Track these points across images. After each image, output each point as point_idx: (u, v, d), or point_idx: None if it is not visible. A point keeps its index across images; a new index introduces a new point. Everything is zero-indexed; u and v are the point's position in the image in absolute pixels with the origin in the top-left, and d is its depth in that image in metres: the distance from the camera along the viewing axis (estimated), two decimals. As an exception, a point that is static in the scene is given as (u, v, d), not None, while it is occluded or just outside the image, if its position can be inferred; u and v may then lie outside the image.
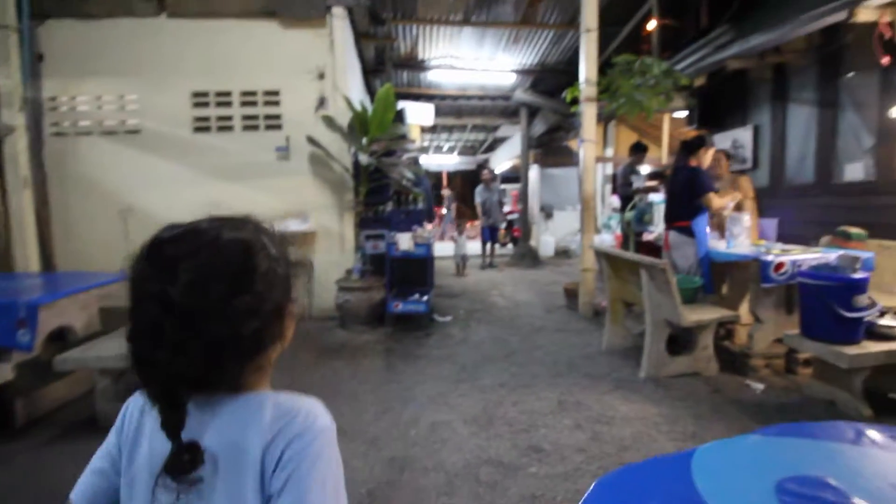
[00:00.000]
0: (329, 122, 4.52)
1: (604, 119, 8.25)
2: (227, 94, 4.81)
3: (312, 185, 4.89)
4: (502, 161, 15.04)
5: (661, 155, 7.10)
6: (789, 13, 4.13)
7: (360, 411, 2.79)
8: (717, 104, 6.20)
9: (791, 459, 0.94)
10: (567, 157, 10.95)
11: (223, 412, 0.60)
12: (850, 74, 4.42)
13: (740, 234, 3.46)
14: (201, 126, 4.81)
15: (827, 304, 2.56)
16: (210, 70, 4.77)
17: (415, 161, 5.52)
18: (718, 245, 3.63)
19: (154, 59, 4.71)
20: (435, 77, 8.78)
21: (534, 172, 11.46)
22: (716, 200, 3.51)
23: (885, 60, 3.54)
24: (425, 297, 4.41)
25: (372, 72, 7.88)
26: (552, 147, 11.51)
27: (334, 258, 4.87)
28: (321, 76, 4.77)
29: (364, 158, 4.38)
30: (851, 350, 2.52)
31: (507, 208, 10.01)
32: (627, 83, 4.56)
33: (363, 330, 4.40)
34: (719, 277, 3.77)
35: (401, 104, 7.60)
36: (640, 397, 2.90)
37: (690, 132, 6.73)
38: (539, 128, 10.15)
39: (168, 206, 4.41)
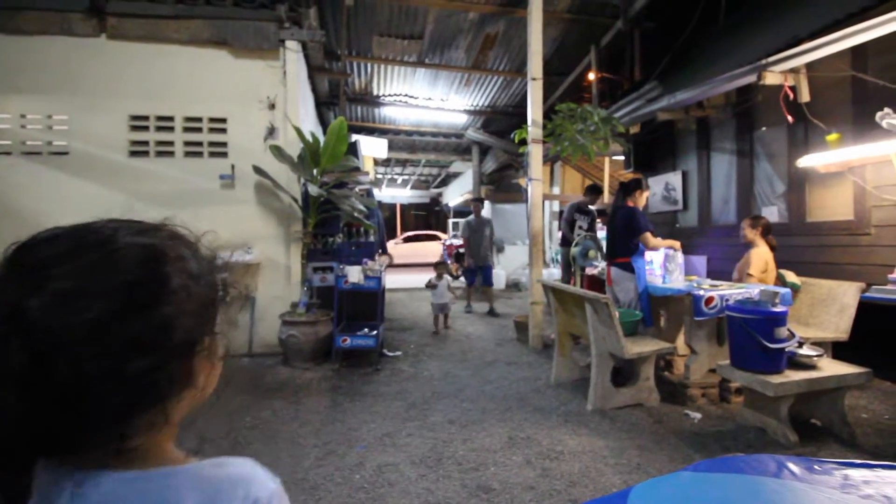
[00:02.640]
0: (278, 152, 4.44)
1: (550, 159, 8.69)
2: (170, 118, 4.63)
3: (258, 215, 4.73)
4: (455, 196, 15.37)
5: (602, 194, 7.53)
6: (709, 73, 4.61)
7: (301, 456, 2.61)
8: (651, 150, 6.71)
9: (719, 496, 0.97)
10: (517, 194, 11.39)
11: (107, 498, 0.41)
12: (763, 129, 4.96)
13: (675, 270, 3.68)
14: (138, 150, 4.57)
15: (752, 336, 2.74)
16: (151, 94, 4.58)
17: (367, 193, 5.50)
18: (656, 280, 3.84)
19: (90, 80, 4.47)
20: (389, 112, 8.96)
21: (485, 208, 11.79)
22: (651, 240, 3.75)
23: (790, 119, 4.01)
24: (375, 332, 4.30)
25: (325, 104, 7.91)
26: (503, 183, 11.95)
27: (279, 291, 4.68)
28: (272, 106, 4.72)
29: (314, 189, 4.31)
30: (776, 379, 2.69)
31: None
32: (570, 128, 4.86)
33: (308, 367, 4.19)
34: (657, 311, 3.98)
35: (354, 137, 7.66)
36: (588, 430, 2.93)
37: (628, 175, 7.24)
38: (490, 165, 10.54)
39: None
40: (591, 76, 6.59)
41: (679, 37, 5.80)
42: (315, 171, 4.53)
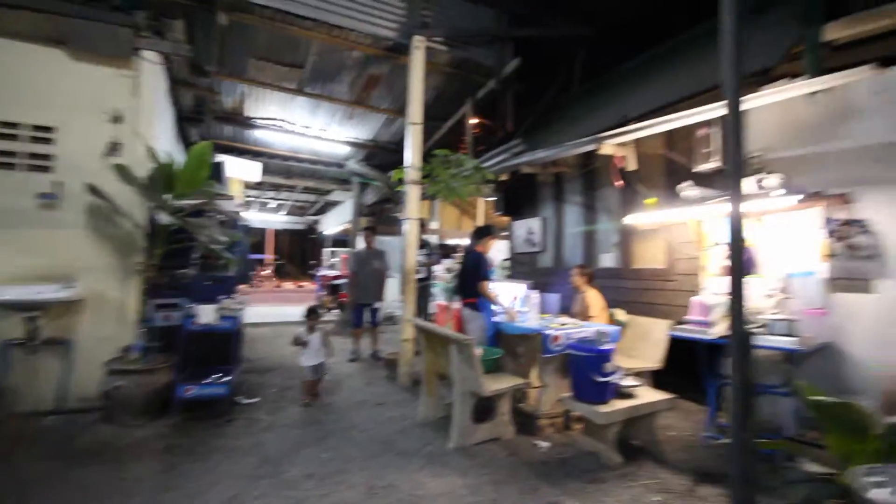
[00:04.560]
0: (122, 171, 3.89)
1: (429, 196, 9.05)
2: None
3: (88, 243, 4.01)
4: (333, 225, 15.00)
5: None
6: (563, 137, 5.34)
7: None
8: (518, 197, 7.41)
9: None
10: (398, 227, 11.53)
11: None
12: (603, 188, 5.84)
13: (530, 309, 4.07)
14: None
15: (585, 371, 3.14)
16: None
17: (232, 224, 5.05)
18: (514, 318, 4.20)
19: None
20: (264, 135, 8.49)
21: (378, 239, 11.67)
22: (487, 289, 4.12)
23: (619, 184, 4.81)
24: (228, 378, 3.89)
25: (190, 119, 7.21)
26: (383, 216, 12.03)
27: (109, 332, 3.94)
28: (117, 119, 4.15)
29: (165, 217, 3.85)
30: (604, 409, 3.10)
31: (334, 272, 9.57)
32: (445, 173, 5.17)
33: (139, 423, 3.58)
34: (513, 347, 4.32)
35: (221, 157, 7.08)
36: (449, 470, 3.00)
37: (498, 217, 7.88)
38: (371, 197, 10.56)
39: None
40: (469, 123, 7.12)
41: (542, 98, 6.66)
42: (168, 196, 4.06)
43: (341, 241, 13.81)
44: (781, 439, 3.17)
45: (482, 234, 4.33)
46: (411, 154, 5.14)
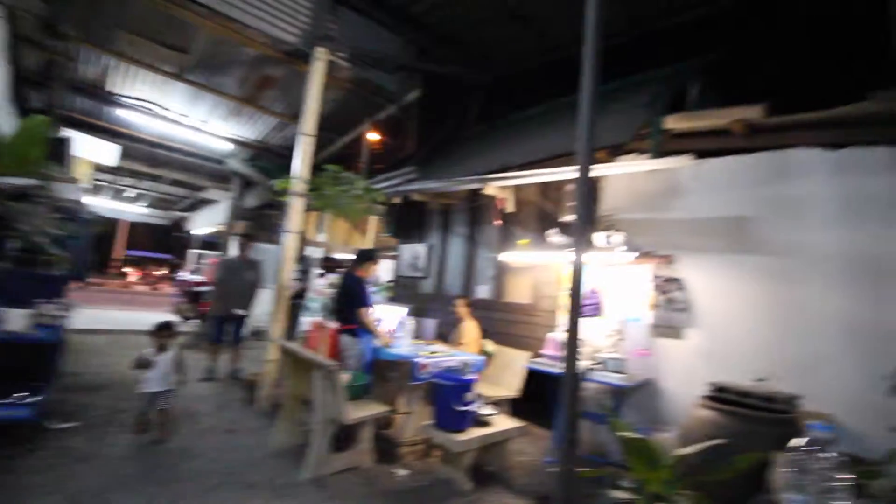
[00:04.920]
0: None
1: (318, 207, 8.73)
2: None
3: None
4: (204, 225, 13.61)
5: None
6: (454, 172, 5.61)
7: None
8: (408, 221, 7.54)
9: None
10: (279, 235, 10.87)
11: None
12: (485, 224, 6.24)
13: (402, 337, 4.12)
14: None
15: (447, 400, 3.26)
16: None
17: (71, 214, 4.26)
18: (390, 343, 4.20)
19: None
20: (127, 115, 7.47)
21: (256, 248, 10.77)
22: (365, 316, 4.05)
23: (498, 223, 5.20)
24: (35, 398, 3.21)
25: (35, 83, 6.07)
26: (265, 222, 11.27)
27: None
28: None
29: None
30: (461, 437, 3.25)
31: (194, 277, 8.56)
32: (334, 189, 5.06)
33: None
34: (386, 373, 4.32)
35: (68, 132, 6.06)
36: (296, 503, 2.85)
37: (387, 238, 7.90)
38: (252, 201, 9.86)
39: None
40: (367, 140, 7.10)
41: (440, 129, 6.94)
42: (-18, 173, 3.33)
43: (212, 243, 12.56)
44: (606, 464, 3.63)
45: (364, 258, 4.28)
46: (300, 165, 4.95)
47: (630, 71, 4.86)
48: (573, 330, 2.01)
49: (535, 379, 4.42)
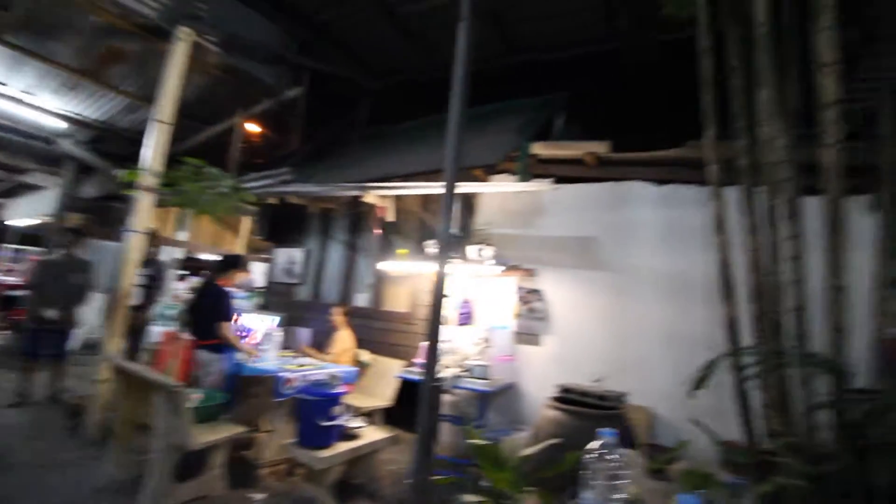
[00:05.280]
0: None
1: (173, 205, 7.77)
2: None
3: None
4: (25, 215, 11.23)
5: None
6: (333, 178, 5.44)
7: None
8: (283, 223, 7.10)
9: None
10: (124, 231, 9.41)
11: None
12: (365, 231, 6.16)
13: (268, 349, 3.86)
14: None
15: (311, 416, 3.13)
16: None
17: None
18: (250, 359, 3.90)
19: None
20: (-89, 73, 5.87)
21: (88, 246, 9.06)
22: (227, 331, 3.70)
23: (378, 231, 5.18)
24: None
25: None
26: (107, 216, 9.66)
27: None
28: None
29: None
30: (325, 453, 3.13)
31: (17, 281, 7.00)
32: (195, 186, 4.55)
33: None
34: (250, 389, 4.00)
35: None
36: (126, 547, 2.47)
37: (259, 241, 7.33)
38: (92, 190, 8.41)
39: None
40: (240, 133, 6.51)
41: (326, 130, 6.69)
42: None
43: (34, 237, 10.41)
44: (470, 466, 3.80)
45: (228, 265, 3.87)
46: (151, 156, 4.36)
47: (509, 95, 5.26)
48: (433, 339, 2.08)
49: (411, 387, 4.47)
